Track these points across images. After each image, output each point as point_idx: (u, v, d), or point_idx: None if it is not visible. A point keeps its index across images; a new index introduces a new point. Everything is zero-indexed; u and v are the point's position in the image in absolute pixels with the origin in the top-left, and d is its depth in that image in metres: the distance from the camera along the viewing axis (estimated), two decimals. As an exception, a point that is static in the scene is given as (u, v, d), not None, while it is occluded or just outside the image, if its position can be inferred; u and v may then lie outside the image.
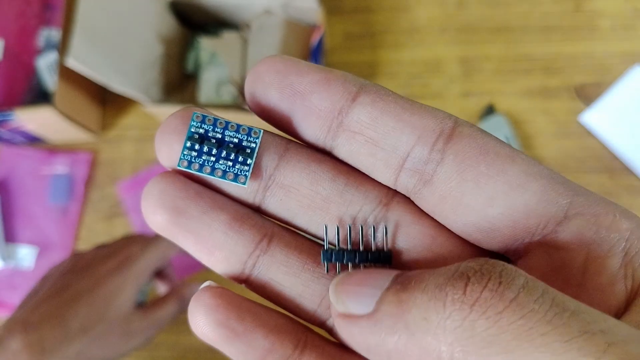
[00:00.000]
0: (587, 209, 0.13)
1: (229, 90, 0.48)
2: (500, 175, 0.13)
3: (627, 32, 0.49)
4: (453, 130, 0.14)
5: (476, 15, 0.51)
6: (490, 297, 0.11)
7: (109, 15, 0.43)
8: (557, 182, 0.13)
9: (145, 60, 0.45)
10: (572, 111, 0.48)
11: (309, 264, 0.15)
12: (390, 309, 0.12)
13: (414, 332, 0.11)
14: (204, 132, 0.15)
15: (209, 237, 0.15)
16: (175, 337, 0.46)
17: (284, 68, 0.15)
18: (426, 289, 0.12)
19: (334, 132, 0.15)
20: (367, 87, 0.15)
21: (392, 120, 0.14)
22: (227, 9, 0.48)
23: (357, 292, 0.13)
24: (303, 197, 0.15)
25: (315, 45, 0.44)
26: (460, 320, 0.11)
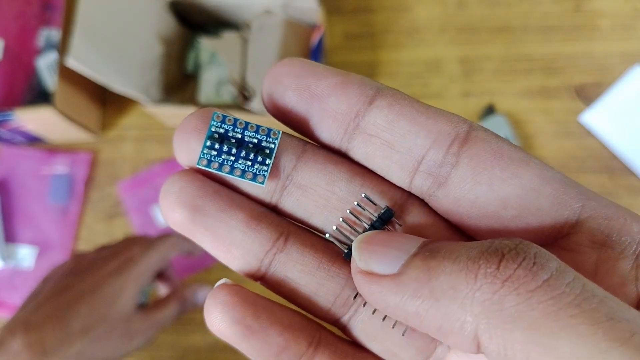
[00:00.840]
0: (598, 213, 0.13)
1: (229, 90, 0.48)
2: (514, 178, 0.14)
3: (627, 32, 0.49)
4: (468, 134, 0.14)
5: (476, 15, 0.51)
6: (523, 275, 0.11)
7: (109, 15, 0.43)
8: (569, 186, 0.14)
9: (145, 60, 0.45)
10: (572, 111, 0.48)
11: (324, 262, 0.15)
12: (416, 273, 0.12)
13: (439, 298, 0.12)
14: (224, 132, 0.15)
15: (227, 235, 0.15)
16: (175, 337, 0.46)
17: (302, 71, 0.15)
18: (458, 259, 0.12)
19: (350, 134, 0.15)
20: (383, 90, 0.15)
21: (408, 124, 0.14)
22: (227, 9, 0.48)
23: (382, 252, 0.13)
24: (319, 197, 0.15)
25: (315, 45, 0.44)
26: (491, 293, 0.11)
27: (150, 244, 0.39)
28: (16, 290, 0.49)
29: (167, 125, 0.51)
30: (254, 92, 0.45)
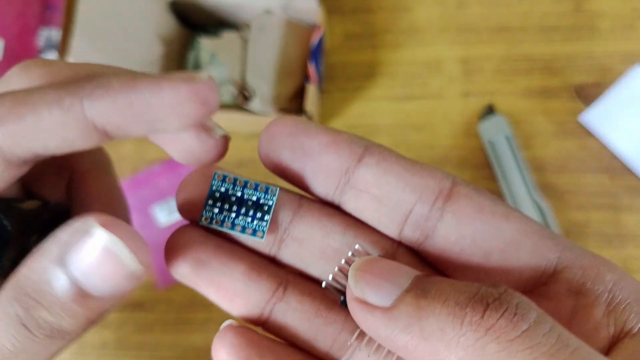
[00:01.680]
0: (574, 263, 0.15)
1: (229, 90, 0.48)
2: (495, 233, 0.15)
3: (627, 32, 0.49)
4: (451, 189, 0.15)
5: (476, 15, 0.51)
6: (504, 325, 0.12)
7: (109, 15, 0.43)
8: (547, 237, 0.15)
9: (145, 60, 0.45)
10: (572, 111, 0.48)
11: (321, 310, 0.16)
12: (408, 310, 0.13)
13: (428, 337, 0.13)
14: (224, 191, 0.16)
15: (229, 286, 0.16)
16: (175, 337, 0.46)
17: (296, 130, 0.16)
18: (446, 303, 0.13)
19: (342, 189, 0.16)
20: (371, 148, 0.16)
21: (395, 180, 0.16)
22: (227, 9, 0.48)
23: (377, 284, 0.14)
24: (315, 249, 0.16)
25: (315, 45, 0.44)
26: (474, 339, 0.12)
27: None
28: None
29: (167, 125, 0.51)
30: (254, 92, 0.45)
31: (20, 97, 0.14)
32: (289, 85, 0.46)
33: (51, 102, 0.14)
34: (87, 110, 0.14)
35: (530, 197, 0.45)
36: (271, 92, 0.44)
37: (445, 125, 0.49)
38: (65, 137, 0.14)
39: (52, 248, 0.14)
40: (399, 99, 0.50)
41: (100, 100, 0.14)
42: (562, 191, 0.47)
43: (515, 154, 0.46)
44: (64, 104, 0.14)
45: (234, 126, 0.50)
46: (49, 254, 0.14)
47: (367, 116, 0.50)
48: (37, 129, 0.14)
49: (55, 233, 0.14)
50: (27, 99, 0.14)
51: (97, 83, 0.14)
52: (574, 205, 0.46)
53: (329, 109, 0.50)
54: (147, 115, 0.14)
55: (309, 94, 0.43)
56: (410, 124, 0.49)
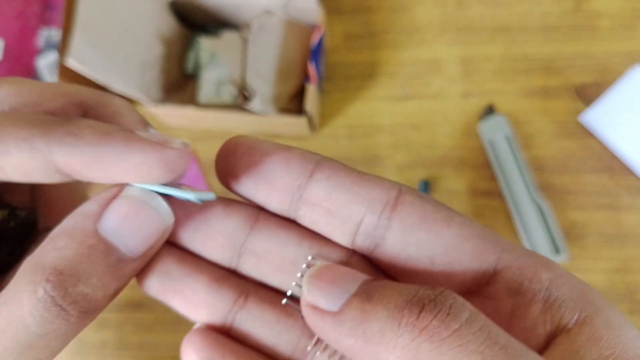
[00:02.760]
0: (512, 264, 0.15)
1: (229, 90, 0.48)
2: (438, 239, 0.16)
3: (627, 32, 0.49)
4: (397, 199, 0.16)
5: (476, 15, 0.51)
6: (437, 325, 0.13)
7: (109, 15, 0.43)
8: (486, 240, 0.16)
9: (145, 60, 0.45)
10: (572, 111, 0.48)
11: (281, 317, 0.17)
12: (353, 314, 0.14)
13: (370, 340, 0.13)
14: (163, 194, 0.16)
15: (193, 297, 0.17)
16: (175, 337, 0.46)
17: (248, 149, 0.17)
18: (387, 306, 0.13)
19: (296, 204, 0.17)
20: (321, 163, 0.17)
21: (344, 193, 0.16)
22: (227, 9, 0.48)
23: (327, 290, 0.15)
24: (272, 262, 0.17)
25: (315, 45, 0.44)
26: (410, 340, 0.13)
27: None
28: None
29: (167, 125, 0.51)
30: (253, 92, 0.45)
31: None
32: (289, 85, 0.46)
33: (21, 141, 0.14)
34: (55, 154, 0.14)
35: (530, 197, 0.45)
36: (271, 92, 0.44)
37: (445, 125, 0.49)
38: (28, 173, 0.15)
39: (85, 222, 0.15)
40: (399, 99, 0.50)
41: (69, 148, 0.14)
42: (562, 191, 0.47)
43: (515, 154, 0.46)
44: (33, 145, 0.14)
45: (234, 126, 0.50)
46: (83, 227, 0.15)
47: (367, 116, 0.50)
48: (1, 162, 0.14)
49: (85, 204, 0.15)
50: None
51: (68, 130, 0.15)
52: (574, 205, 0.46)
53: (329, 109, 0.50)
54: (112, 170, 0.15)
55: (309, 94, 0.43)
56: (410, 124, 0.49)
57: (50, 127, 0.14)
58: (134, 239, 0.15)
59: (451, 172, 0.48)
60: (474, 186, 0.47)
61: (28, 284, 0.14)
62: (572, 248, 0.45)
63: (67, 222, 0.15)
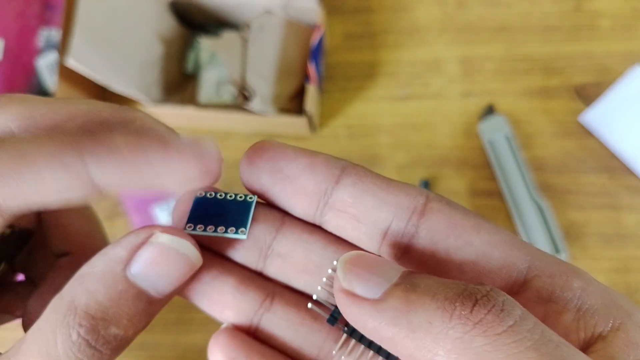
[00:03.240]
0: (543, 272, 0.15)
1: (229, 90, 0.48)
2: (467, 247, 0.16)
3: (627, 32, 0.49)
4: (425, 206, 0.16)
5: (476, 15, 0.51)
6: (492, 319, 0.12)
7: (109, 15, 0.43)
8: (516, 248, 0.16)
9: (145, 60, 0.45)
10: (572, 111, 0.48)
11: (306, 319, 0.17)
12: (396, 303, 0.13)
13: (416, 330, 0.13)
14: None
15: (220, 299, 0.17)
16: (175, 337, 0.46)
17: (274, 154, 0.17)
18: (436, 297, 0.13)
19: (321, 210, 0.17)
20: (348, 169, 0.17)
21: (371, 199, 0.16)
22: (227, 9, 0.48)
23: (365, 276, 0.14)
24: (298, 264, 0.17)
25: (315, 45, 0.44)
26: (463, 332, 0.12)
27: None
28: (16, 290, 0.49)
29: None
30: (253, 92, 0.45)
31: (16, 151, 0.14)
32: (289, 85, 0.46)
33: (52, 160, 0.14)
34: (92, 171, 0.14)
35: (530, 197, 0.45)
36: (271, 92, 0.44)
37: (445, 125, 0.49)
38: (65, 196, 0.14)
39: (114, 267, 0.15)
40: (399, 99, 0.50)
41: (106, 163, 0.14)
42: (562, 191, 0.47)
43: (515, 154, 0.46)
44: (66, 164, 0.14)
45: (234, 126, 0.50)
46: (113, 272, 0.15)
47: (367, 116, 0.50)
48: (37, 188, 0.14)
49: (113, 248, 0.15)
50: (25, 155, 0.14)
51: (102, 144, 0.14)
52: (574, 205, 0.46)
53: (329, 109, 0.50)
54: (151, 180, 0.15)
55: (309, 94, 0.43)
56: (410, 124, 0.49)
57: (82, 143, 0.14)
58: (163, 282, 0.15)
59: (451, 172, 0.48)
60: (474, 186, 0.47)
61: (62, 326, 0.14)
62: (572, 248, 0.45)
63: (96, 264, 0.15)
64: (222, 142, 0.51)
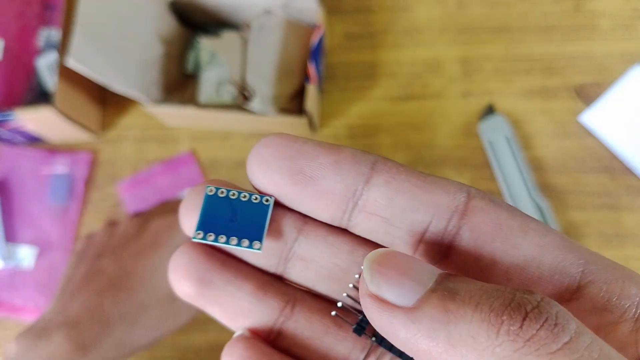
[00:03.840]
0: (598, 277, 0.14)
1: (229, 90, 0.48)
2: (514, 250, 0.14)
3: (627, 32, 0.49)
4: (466, 205, 0.14)
5: (476, 15, 0.51)
6: (545, 336, 0.11)
7: (109, 15, 0.43)
8: (568, 250, 0.14)
9: (145, 60, 0.45)
10: (572, 111, 0.48)
11: (331, 327, 0.16)
12: (434, 313, 0.12)
13: (456, 345, 0.11)
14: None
15: (235, 307, 0.15)
16: (175, 337, 0.46)
17: (291, 152, 0.14)
18: (479, 308, 0.12)
19: (349, 213, 0.15)
20: (378, 165, 0.14)
21: (406, 200, 0.14)
22: (227, 9, 0.48)
23: (397, 281, 0.12)
24: (322, 269, 0.16)
25: (315, 45, 0.44)
26: (512, 351, 0.11)
27: None
28: (16, 290, 0.49)
29: (167, 125, 0.51)
30: (254, 92, 0.45)
31: None
32: (289, 85, 0.46)
33: None
34: None
35: (530, 197, 0.45)
36: (271, 92, 0.44)
37: (445, 125, 0.49)
38: None
39: None
40: (399, 99, 0.50)
41: None
42: (562, 191, 0.47)
43: (515, 154, 0.46)
44: None
45: (234, 126, 0.50)
46: None
47: (367, 116, 0.50)
48: None
49: None
50: None
51: None
52: (574, 205, 0.46)
53: (329, 109, 0.50)
54: None
55: (309, 94, 0.43)
56: (410, 124, 0.49)
57: None
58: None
59: (451, 172, 0.48)
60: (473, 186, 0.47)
61: None
62: (572, 248, 0.45)
63: None
64: (222, 142, 0.51)
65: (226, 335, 0.47)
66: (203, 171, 0.51)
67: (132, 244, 0.35)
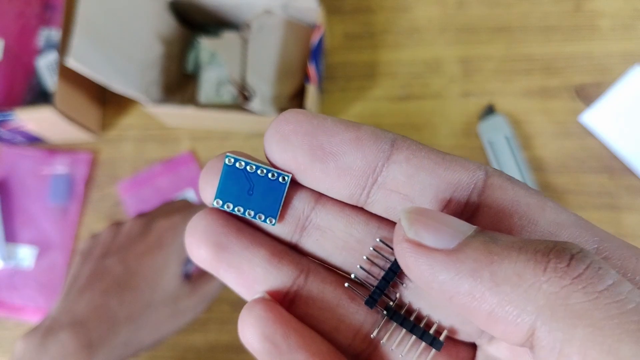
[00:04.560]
0: (612, 254, 0.14)
1: (229, 90, 0.48)
2: (531, 225, 0.14)
3: (627, 32, 0.49)
4: (485, 182, 0.14)
5: (476, 15, 0.51)
6: (591, 276, 0.11)
7: (109, 15, 0.43)
8: (583, 228, 0.14)
9: (145, 60, 0.45)
10: (572, 111, 0.48)
11: (343, 299, 0.16)
12: (476, 254, 0.12)
13: (500, 284, 0.12)
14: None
15: (250, 272, 0.15)
16: (175, 337, 0.46)
17: (312, 128, 0.15)
18: (524, 249, 0.12)
19: (368, 189, 0.15)
20: (398, 142, 0.15)
21: (427, 177, 0.14)
22: (227, 9, 0.48)
23: (436, 227, 0.13)
24: (338, 239, 0.16)
25: (315, 45, 0.44)
26: (559, 287, 0.11)
27: (191, 210, 0.37)
28: (16, 290, 0.49)
29: (167, 125, 0.51)
30: (253, 92, 0.45)
31: None
32: (289, 85, 0.46)
33: None
34: None
35: (530, 197, 0.45)
36: (271, 92, 0.44)
37: (445, 125, 0.49)
38: None
39: None
40: (399, 99, 0.50)
41: None
42: (562, 191, 0.47)
43: (515, 154, 0.46)
44: None
45: (234, 126, 0.50)
46: None
47: (367, 116, 0.50)
48: None
49: None
50: None
51: None
52: (574, 205, 0.46)
53: (329, 109, 0.50)
54: None
55: (309, 94, 0.43)
56: (410, 124, 0.49)
57: None
58: None
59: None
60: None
61: None
62: (572, 248, 0.45)
63: None
64: (222, 142, 0.51)
65: (226, 335, 0.47)
66: (203, 171, 0.51)
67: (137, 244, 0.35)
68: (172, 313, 0.35)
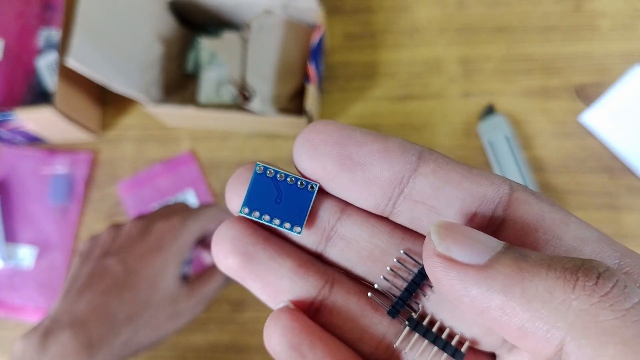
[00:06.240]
0: (633, 270, 0.14)
1: (229, 90, 0.48)
2: (556, 240, 0.14)
3: (627, 32, 0.49)
4: (510, 197, 0.15)
5: (476, 15, 0.51)
6: (618, 294, 0.12)
7: (109, 15, 0.43)
8: (605, 244, 0.15)
9: (145, 60, 0.45)
10: (572, 111, 0.48)
11: (367, 310, 0.16)
12: (507, 270, 0.12)
13: (532, 300, 0.12)
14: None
15: (276, 283, 0.16)
16: (175, 337, 0.46)
17: (341, 139, 0.15)
18: (553, 267, 0.12)
19: (394, 200, 0.15)
20: (425, 155, 0.15)
21: (453, 190, 0.15)
22: (227, 9, 0.48)
23: (466, 243, 0.13)
24: (362, 249, 0.16)
25: (315, 45, 0.44)
26: (588, 304, 0.11)
27: (189, 212, 0.37)
28: (16, 290, 0.49)
29: (167, 125, 0.51)
30: (253, 92, 0.45)
31: None
32: (289, 85, 0.46)
33: None
34: None
35: (530, 197, 0.45)
36: (271, 92, 0.44)
37: (445, 125, 0.49)
38: None
39: None
40: (399, 99, 0.50)
41: None
42: (562, 191, 0.47)
43: (515, 154, 0.46)
44: None
45: (234, 126, 0.50)
46: None
47: (367, 116, 0.50)
48: None
49: None
50: None
51: None
52: (574, 205, 0.46)
53: (329, 109, 0.50)
54: None
55: (309, 94, 0.43)
56: (410, 124, 0.49)
57: None
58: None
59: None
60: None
61: None
62: (572, 248, 0.45)
63: None
64: (222, 142, 0.51)
65: (226, 335, 0.47)
66: (203, 171, 0.51)
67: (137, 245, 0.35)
68: (171, 314, 0.35)
